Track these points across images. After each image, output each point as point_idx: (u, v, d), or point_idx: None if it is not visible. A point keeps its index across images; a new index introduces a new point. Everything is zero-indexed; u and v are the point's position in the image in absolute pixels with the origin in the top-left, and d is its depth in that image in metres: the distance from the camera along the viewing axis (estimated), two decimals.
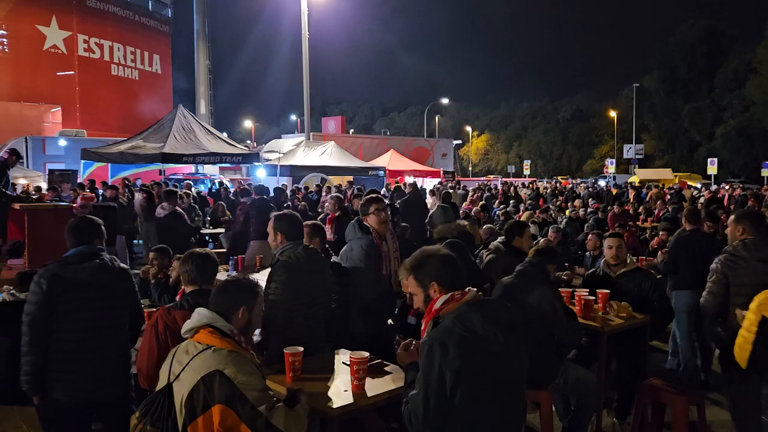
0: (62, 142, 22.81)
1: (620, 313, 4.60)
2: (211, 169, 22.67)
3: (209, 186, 19.33)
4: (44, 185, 17.13)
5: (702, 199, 17.06)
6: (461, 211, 11.28)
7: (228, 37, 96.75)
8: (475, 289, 2.50)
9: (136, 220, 11.53)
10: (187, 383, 2.25)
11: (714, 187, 29.88)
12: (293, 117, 64.21)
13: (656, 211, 13.81)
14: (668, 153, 58.08)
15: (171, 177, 20.01)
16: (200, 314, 2.44)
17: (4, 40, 33.45)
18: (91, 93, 36.53)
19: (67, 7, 36.48)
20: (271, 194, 11.92)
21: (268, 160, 20.98)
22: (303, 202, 12.67)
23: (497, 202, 17.12)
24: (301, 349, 3.14)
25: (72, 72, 36.24)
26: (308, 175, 20.53)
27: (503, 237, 5.55)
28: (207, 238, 11.82)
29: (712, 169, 37.43)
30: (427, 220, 9.03)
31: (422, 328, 2.50)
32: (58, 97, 33.18)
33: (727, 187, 26.41)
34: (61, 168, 20.31)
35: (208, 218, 12.59)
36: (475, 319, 2.34)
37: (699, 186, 31.72)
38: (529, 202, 17.11)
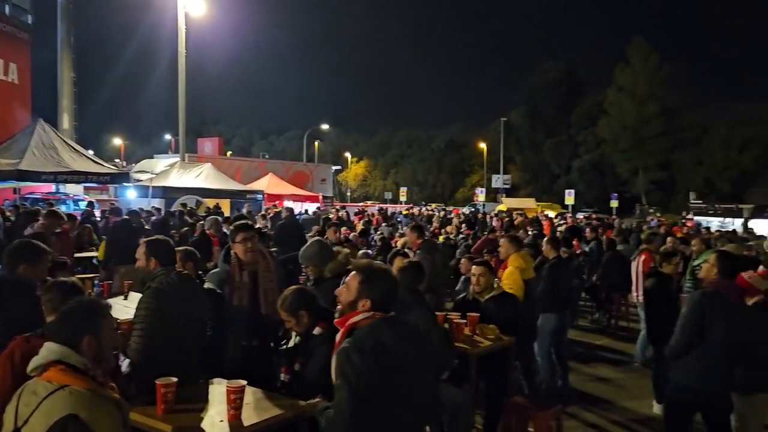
0: None
1: (488, 336, 4.87)
2: (74, 189, 21.14)
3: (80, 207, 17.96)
4: None
5: (562, 227, 18.43)
6: (342, 236, 11.36)
7: (98, 51, 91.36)
8: (393, 313, 2.64)
9: None
10: (36, 430, 2.03)
11: (568, 216, 32.31)
12: (167, 137, 61.51)
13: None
14: (532, 183, 62.63)
15: (28, 196, 18.43)
16: (49, 349, 2.16)
17: None
18: None
19: None
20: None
21: (138, 180, 19.91)
22: (186, 227, 12.14)
23: (373, 228, 17.40)
24: (175, 379, 3.02)
25: None
26: (182, 197, 19.73)
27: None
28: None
29: (569, 199, 40.87)
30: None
31: (337, 339, 2.61)
32: None
33: (581, 216, 28.70)
34: None
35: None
36: (387, 334, 2.50)
37: (552, 215, 34.05)
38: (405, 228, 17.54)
